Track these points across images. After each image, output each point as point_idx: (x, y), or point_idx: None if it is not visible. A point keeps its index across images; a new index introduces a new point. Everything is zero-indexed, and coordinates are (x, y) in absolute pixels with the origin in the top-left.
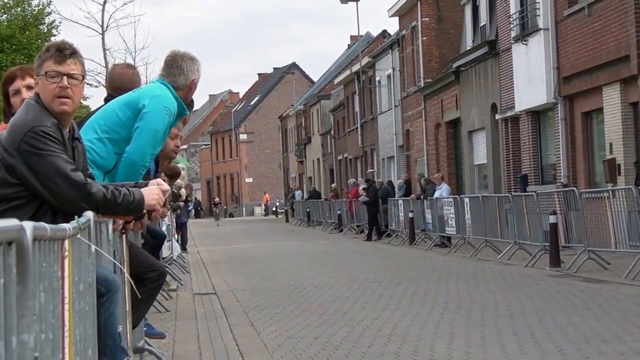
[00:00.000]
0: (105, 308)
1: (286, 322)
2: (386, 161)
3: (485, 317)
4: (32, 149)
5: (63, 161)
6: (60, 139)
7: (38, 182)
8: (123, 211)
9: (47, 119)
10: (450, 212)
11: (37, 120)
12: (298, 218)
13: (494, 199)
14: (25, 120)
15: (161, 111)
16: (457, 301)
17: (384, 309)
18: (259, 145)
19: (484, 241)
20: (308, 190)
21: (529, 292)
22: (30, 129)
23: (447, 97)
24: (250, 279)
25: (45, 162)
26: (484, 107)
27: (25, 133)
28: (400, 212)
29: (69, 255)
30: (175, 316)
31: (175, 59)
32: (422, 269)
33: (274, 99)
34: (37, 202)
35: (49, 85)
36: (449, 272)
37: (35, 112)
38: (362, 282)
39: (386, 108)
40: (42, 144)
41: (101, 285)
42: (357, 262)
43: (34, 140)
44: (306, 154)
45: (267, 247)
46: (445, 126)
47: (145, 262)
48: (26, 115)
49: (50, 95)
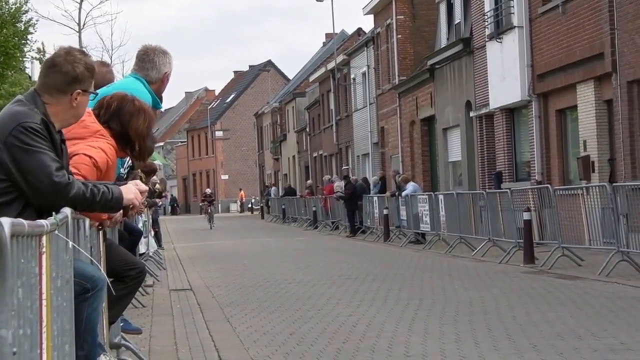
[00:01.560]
0: (89, 303)
1: (262, 318)
2: (361, 158)
3: (460, 314)
4: (20, 143)
5: (49, 159)
6: (48, 137)
7: (20, 176)
8: (101, 208)
9: (37, 116)
10: (424, 209)
11: (26, 116)
12: (273, 215)
13: (469, 196)
14: (15, 114)
15: None
16: (431, 297)
17: (359, 305)
18: (235, 143)
19: (458, 238)
20: (283, 187)
21: (503, 289)
22: (19, 123)
23: (421, 94)
24: (226, 275)
25: (31, 157)
26: (458, 104)
27: (14, 127)
28: (375, 209)
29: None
30: (152, 312)
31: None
32: (397, 266)
33: (250, 96)
34: (23, 200)
35: (85, 102)
36: (423, 269)
37: (25, 107)
38: (337, 279)
39: (361, 105)
40: (30, 139)
41: (87, 282)
42: (332, 259)
43: (22, 134)
44: (282, 151)
45: (243, 243)
46: (420, 123)
47: (125, 259)
48: (15, 109)
49: (82, 111)
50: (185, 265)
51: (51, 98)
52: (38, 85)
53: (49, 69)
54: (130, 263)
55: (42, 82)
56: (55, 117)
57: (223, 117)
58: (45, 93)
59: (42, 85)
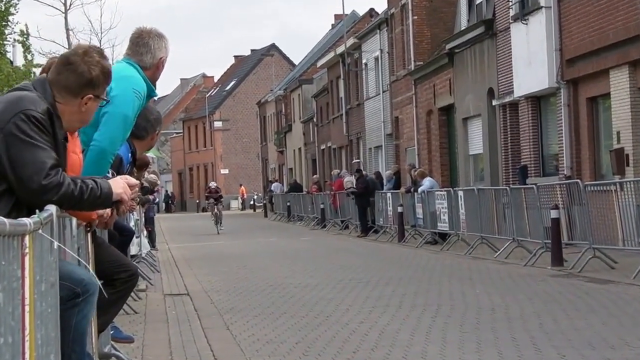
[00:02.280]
0: (79, 310)
1: (265, 325)
2: (373, 151)
3: (481, 321)
4: (19, 132)
5: (46, 155)
6: (50, 129)
7: (10, 167)
8: (89, 206)
9: (42, 104)
10: (443, 206)
11: (30, 103)
12: (277, 213)
13: (491, 192)
14: (19, 99)
15: (130, 94)
16: (450, 303)
17: (371, 311)
18: (235, 134)
19: (479, 238)
20: (288, 182)
21: (528, 294)
22: (22, 110)
23: (439, 81)
24: (225, 278)
25: (27, 150)
26: (479, 92)
27: (15, 113)
28: (388, 207)
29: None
30: (145, 319)
31: (141, 36)
32: (413, 269)
33: (252, 83)
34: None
35: (94, 107)
36: (441, 272)
37: (32, 93)
38: (347, 283)
39: (373, 93)
40: (30, 129)
41: (77, 286)
42: (342, 261)
43: (23, 123)
44: (286, 143)
45: (244, 244)
46: (437, 113)
47: (116, 261)
48: (21, 94)
49: (89, 116)
50: (181, 268)
51: (60, 97)
52: (50, 78)
53: (63, 67)
54: (122, 265)
55: (55, 79)
56: (61, 117)
57: (222, 106)
58: (54, 90)
59: (54, 81)
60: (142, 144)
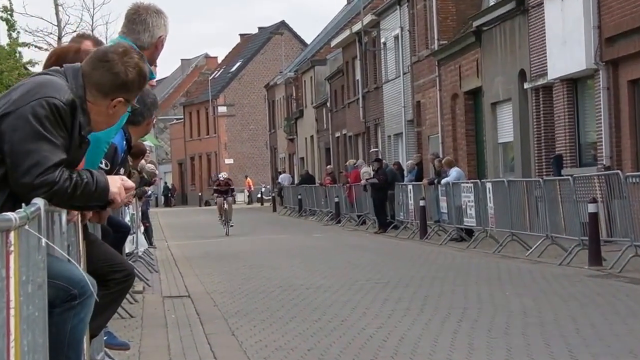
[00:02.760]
0: (75, 313)
1: (273, 330)
2: (393, 139)
3: (511, 326)
4: (33, 117)
5: (51, 150)
6: (69, 123)
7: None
8: (81, 201)
9: (67, 93)
10: (469, 199)
11: (56, 90)
12: (287, 207)
13: (522, 185)
14: (45, 83)
15: None
16: (477, 306)
17: (390, 315)
18: (241, 120)
19: (509, 234)
20: (299, 173)
21: (563, 296)
22: (45, 96)
23: (465, 62)
24: (230, 279)
25: (34, 138)
26: (510, 74)
27: (37, 98)
28: (409, 200)
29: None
30: (142, 323)
31: (138, 12)
32: (436, 268)
33: (259, 64)
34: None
35: (122, 112)
36: (467, 272)
37: (61, 80)
38: (364, 284)
39: (393, 76)
40: (46, 119)
41: (74, 287)
42: (358, 260)
43: (41, 108)
44: (297, 130)
45: (251, 241)
46: (463, 97)
47: (110, 260)
48: (48, 78)
49: (115, 120)
50: (182, 267)
51: (89, 94)
52: (83, 69)
53: (99, 62)
54: (116, 264)
55: (87, 72)
56: (89, 113)
57: (227, 89)
58: (86, 84)
59: (86, 74)
60: (137, 130)
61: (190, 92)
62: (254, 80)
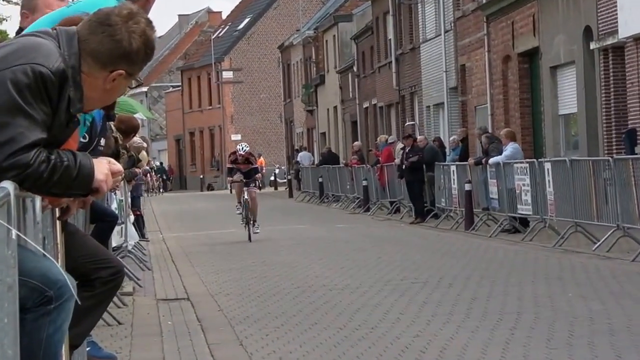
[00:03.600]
0: (51, 319)
1: (289, 340)
2: (432, 110)
3: (575, 334)
4: (13, 84)
5: (29, 127)
6: (55, 96)
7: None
8: (58, 189)
9: (56, 62)
10: (524, 183)
11: (45, 56)
12: (306, 192)
13: (588, 165)
14: (32, 46)
15: None
16: (534, 310)
17: (429, 321)
18: (251, 88)
19: (572, 225)
20: (320, 151)
21: (638, 298)
22: (30, 62)
23: (520, 18)
24: (238, 278)
25: (11, 109)
26: (573, 32)
27: (21, 63)
28: (452, 184)
29: None
30: (132, 331)
31: None
32: (484, 265)
33: (272, 21)
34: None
35: (122, 88)
36: (522, 269)
37: (53, 45)
38: (398, 284)
39: (432, 34)
40: (28, 88)
41: (50, 288)
42: (391, 255)
43: (24, 76)
44: (318, 100)
45: (263, 232)
46: (517, 60)
47: (95, 255)
48: (38, 41)
49: (112, 98)
50: (180, 265)
51: (84, 63)
52: (79, 33)
53: (99, 26)
54: (102, 260)
55: (84, 37)
56: (82, 87)
57: (233, 51)
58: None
59: (82, 39)
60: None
61: (190, 55)
62: (266, 40)
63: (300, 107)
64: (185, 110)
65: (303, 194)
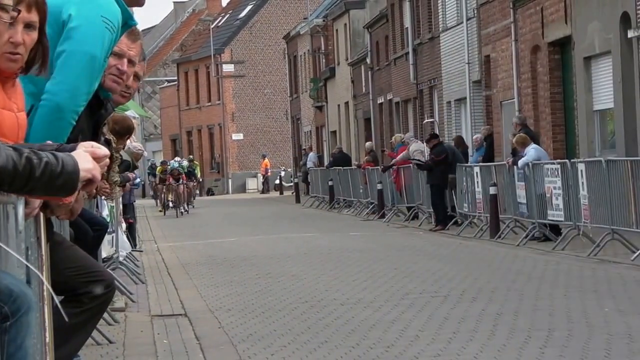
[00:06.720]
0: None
1: (296, 359)
2: (454, 105)
3: (613, 353)
4: None
5: None
6: None
7: None
8: (43, 189)
9: None
10: (555, 186)
11: None
12: (315, 196)
13: (626, 166)
14: None
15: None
16: (567, 327)
17: (451, 339)
18: (253, 82)
19: (609, 232)
20: (331, 152)
21: None
22: None
23: (550, 3)
24: (240, 292)
25: None
26: (609, 19)
27: None
28: (476, 187)
29: None
30: (124, 351)
31: None
32: (511, 277)
33: (276, 8)
34: None
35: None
36: (553, 281)
37: None
38: (417, 298)
39: (454, 22)
40: None
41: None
42: (409, 266)
43: None
44: (327, 95)
45: (267, 241)
46: (547, 50)
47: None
48: None
49: None
50: (176, 277)
51: None
52: None
53: None
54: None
55: None
56: None
57: (234, 41)
58: None
59: None
60: None
61: (187, 46)
62: (270, 30)
63: (308, 103)
64: (181, 107)
65: (311, 199)
